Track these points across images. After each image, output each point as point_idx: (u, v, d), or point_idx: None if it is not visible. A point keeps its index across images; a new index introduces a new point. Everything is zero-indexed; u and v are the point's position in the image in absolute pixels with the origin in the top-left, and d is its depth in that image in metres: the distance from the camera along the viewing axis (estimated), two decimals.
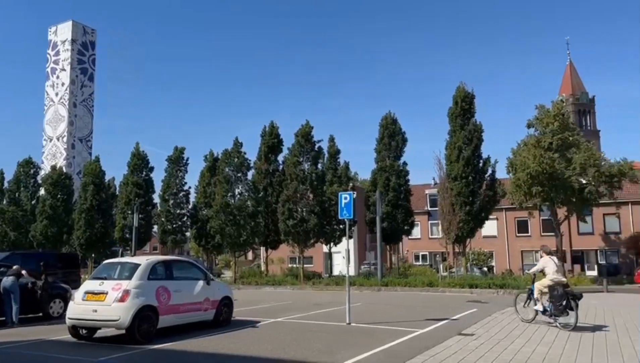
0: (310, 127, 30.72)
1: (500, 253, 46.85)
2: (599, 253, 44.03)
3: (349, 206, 12.62)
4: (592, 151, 35.96)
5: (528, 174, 33.56)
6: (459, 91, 31.44)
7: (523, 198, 35.75)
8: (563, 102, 43.45)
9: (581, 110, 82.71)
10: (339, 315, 12.86)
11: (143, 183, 39.00)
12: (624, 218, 42.63)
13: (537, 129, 37.15)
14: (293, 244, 30.73)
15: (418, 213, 46.50)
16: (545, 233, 43.20)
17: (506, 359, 7.77)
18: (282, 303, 18.32)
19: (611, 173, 34.34)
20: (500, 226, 46.92)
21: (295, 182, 29.93)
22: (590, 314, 14.00)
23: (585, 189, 34.37)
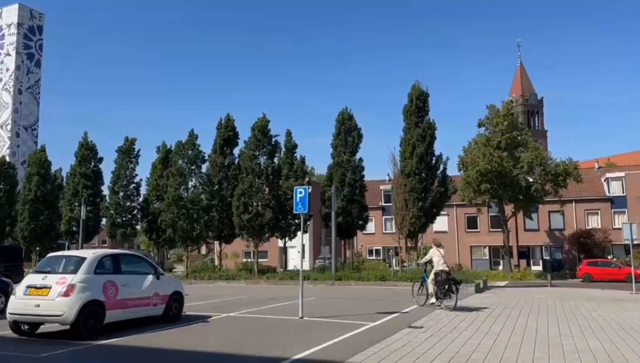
0: (266, 121, 30.50)
1: (451, 248, 47.92)
2: (544, 248, 45.88)
3: (304, 200, 12.62)
4: (539, 151, 37.55)
5: (478, 172, 34.70)
6: (414, 89, 31.99)
7: (473, 194, 36.94)
8: (513, 102, 45.09)
9: (530, 111, 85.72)
10: (292, 309, 12.86)
11: (91, 174, 37.78)
12: (567, 215, 44.60)
13: (487, 129, 38.45)
14: (248, 238, 30.50)
15: (372, 209, 47.08)
16: (494, 229, 44.65)
17: (454, 350, 7.98)
18: (235, 298, 18.15)
19: (557, 172, 35.95)
20: (450, 222, 48.10)
21: (251, 176, 29.66)
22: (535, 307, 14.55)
23: (531, 187, 35.83)
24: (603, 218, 43.83)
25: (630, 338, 9.35)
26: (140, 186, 38.43)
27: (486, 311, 13.58)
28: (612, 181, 44.77)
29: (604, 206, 44.18)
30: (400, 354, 7.66)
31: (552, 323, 11.32)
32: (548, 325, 11.01)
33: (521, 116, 79.73)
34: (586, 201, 44.43)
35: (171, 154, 34.49)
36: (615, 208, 43.69)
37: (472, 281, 23.35)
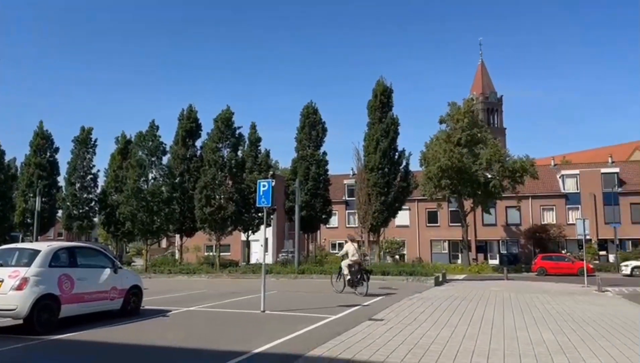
0: (230, 113, 30.14)
1: (412, 242, 48.86)
2: (501, 243, 47.21)
3: (267, 193, 12.54)
4: (498, 148, 38.55)
5: (439, 168, 35.34)
6: (379, 85, 32.26)
7: (433, 190, 37.63)
8: (473, 100, 46.21)
9: (490, 108, 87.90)
10: (254, 303, 12.80)
11: (47, 165, 36.51)
12: (524, 210, 45.98)
13: (448, 125, 39.19)
14: (210, 232, 30.16)
15: (336, 203, 47.31)
16: (453, 224, 45.62)
17: (413, 342, 8.12)
18: (196, 292, 17.93)
19: (514, 169, 36.98)
20: (412, 217, 48.87)
21: (213, 168, 29.28)
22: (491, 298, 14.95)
23: (490, 183, 36.77)
24: (558, 213, 45.39)
25: (581, 329, 9.73)
26: (98, 177, 37.44)
27: (444, 304, 13.88)
28: (567, 178, 46.41)
29: (559, 202, 45.76)
30: (360, 346, 7.74)
31: (508, 315, 11.67)
32: (504, 317, 11.34)
33: (481, 113, 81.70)
34: (542, 197, 45.89)
35: (131, 145, 33.69)
36: (569, 204, 45.33)
37: (431, 274, 23.81)
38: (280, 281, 23.78)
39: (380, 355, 7.13)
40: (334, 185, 50.87)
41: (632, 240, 42.93)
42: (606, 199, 43.34)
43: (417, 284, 21.92)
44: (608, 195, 42.91)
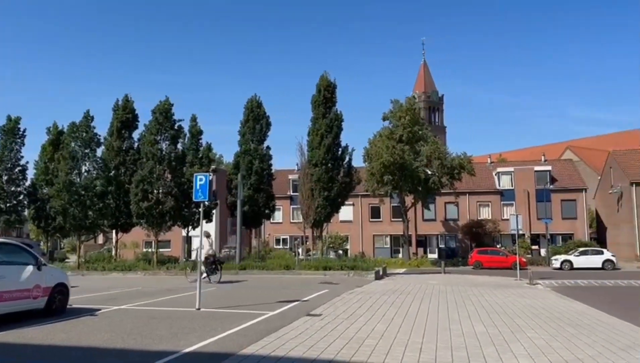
0: (169, 104, 29.17)
1: (355, 237, 49.40)
2: (440, 237, 48.52)
3: (204, 187, 12.19)
4: (438, 145, 39.62)
5: (381, 164, 35.87)
6: (322, 80, 32.21)
7: (376, 185, 38.17)
8: (415, 98, 47.18)
9: (431, 107, 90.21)
10: (190, 301, 12.42)
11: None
12: (462, 206, 47.46)
13: (391, 122, 39.83)
14: (147, 227, 29.18)
15: (280, 198, 47.06)
16: (395, 219, 46.45)
17: (348, 337, 8.09)
18: (130, 290, 17.26)
19: (452, 166, 38.09)
20: (355, 212, 49.38)
21: (151, 161, 28.28)
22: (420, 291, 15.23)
23: (430, 179, 37.71)
24: (493, 209, 47.15)
25: (511, 321, 10.05)
26: (27, 169, 35.30)
27: (382, 298, 14.03)
28: (502, 175, 48.28)
29: (495, 198, 47.54)
30: (295, 342, 7.62)
31: (442, 309, 11.92)
32: (438, 310, 11.57)
33: (423, 111, 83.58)
34: (478, 193, 47.52)
35: (63, 136, 32.01)
36: (504, 200, 47.16)
37: (372, 268, 24.06)
38: None
39: (314, 351, 7.04)
40: (279, 180, 50.60)
41: (562, 235, 45.24)
42: (539, 196, 45.35)
43: (358, 278, 22.11)
44: (540, 192, 44.93)
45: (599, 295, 17.31)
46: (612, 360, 6.70)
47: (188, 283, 17.91)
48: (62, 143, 31.00)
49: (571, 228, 45.40)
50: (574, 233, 45.02)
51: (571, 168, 49.72)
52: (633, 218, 41.63)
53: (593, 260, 34.16)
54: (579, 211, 45.90)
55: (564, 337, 8.33)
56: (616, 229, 45.93)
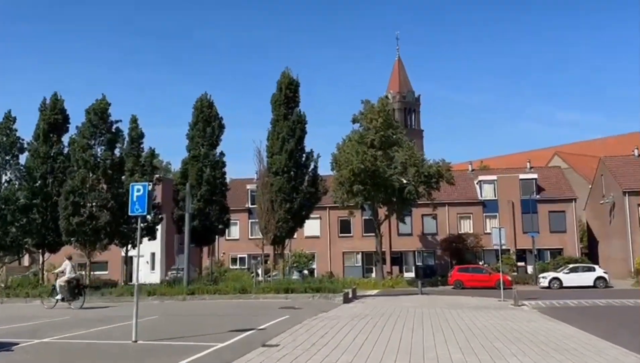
0: (106, 104, 28.53)
1: (322, 255, 49.27)
2: (417, 254, 48.88)
3: (142, 199, 11.88)
4: (413, 151, 40.11)
5: (351, 171, 36.00)
6: (284, 77, 32.07)
7: (345, 196, 38.28)
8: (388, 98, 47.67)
9: (407, 108, 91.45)
10: (126, 332, 12.05)
11: None
12: (440, 218, 48.01)
13: (362, 125, 40.11)
14: (79, 246, 28.40)
15: (237, 211, 46.66)
16: (367, 234, 46.60)
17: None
18: (56, 320, 16.70)
19: (430, 174, 38.55)
20: (323, 226, 49.32)
21: (83, 170, 27.57)
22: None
23: (405, 189, 38.04)
24: (475, 222, 47.85)
25: (492, 348, 10.10)
26: None
27: (350, 324, 13.95)
28: (485, 184, 49.11)
29: (476, 209, 48.28)
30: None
31: (417, 334, 11.91)
32: (412, 336, 11.56)
33: (398, 113, 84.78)
34: (459, 204, 48.17)
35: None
36: (487, 212, 47.95)
37: (340, 291, 23.98)
38: (165, 304, 22.89)
39: None
40: (236, 191, 50.20)
41: (551, 250, 46.19)
42: (524, 207, 46.24)
43: (324, 302, 22.00)
44: (526, 202, 45.79)
45: (590, 316, 17.69)
46: None
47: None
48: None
49: (560, 242, 46.45)
50: (564, 247, 46.09)
51: (559, 176, 50.93)
52: (626, 231, 42.84)
53: (584, 278, 35.03)
54: (569, 224, 47.02)
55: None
56: (608, 243, 47.18)
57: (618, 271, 41.26)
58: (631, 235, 42.44)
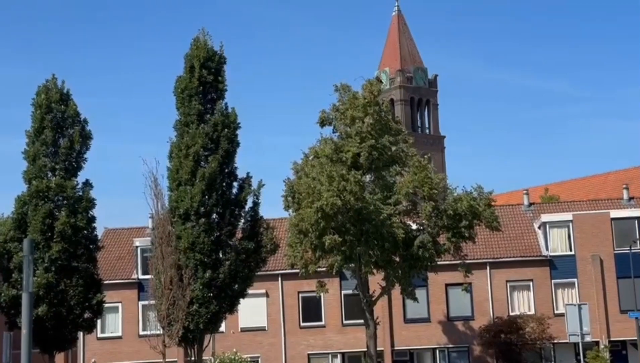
0: None
1: (273, 360, 48.58)
2: (438, 353, 48.56)
3: None
4: (428, 172, 39.77)
5: (319, 211, 35.56)
6: (198, 47, 33.12)
7: (310, 254, 37.77)
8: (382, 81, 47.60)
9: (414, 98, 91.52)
10: None
11: None
12: (477, 291, 47.84)
13: (336, 130, 39.79)
14: None
15: (118, 286, 46.04)
16: (350, 320, 46.22)
17: None
18: None
19: (457, 212, 38.30)
20: (272, 309, 48.70)
21: None
22: None
23: (415, 239, 37.75)
24: (538, 294, 47.84)
25: None
26: None
27: None
28: (552, 229, 49.21)
29: (540, 272, 48.29)
30: None
31: None
32: None
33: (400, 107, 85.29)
34: (509, 263, 48.20)
35: None
36: (557, 277, 47.98)
37: None
38: None
39: None
40: (115, 250, 49.43)
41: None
42: (621, 269, 46.39)
43: None
44: (625, 259, 45.92)
45: None
46: None
47: None
48: None
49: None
50: None
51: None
52: None
53: None
54: None
55: None
56: None
57: None
58: None
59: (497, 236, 44.01)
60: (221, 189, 31.77)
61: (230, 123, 32.20)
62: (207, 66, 32.22)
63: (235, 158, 32.23)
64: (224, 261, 30.88)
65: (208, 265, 30.51)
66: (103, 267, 35.40)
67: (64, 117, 32.37)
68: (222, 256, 31.02)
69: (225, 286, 31.09)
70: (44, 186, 31.69)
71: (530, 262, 48.37)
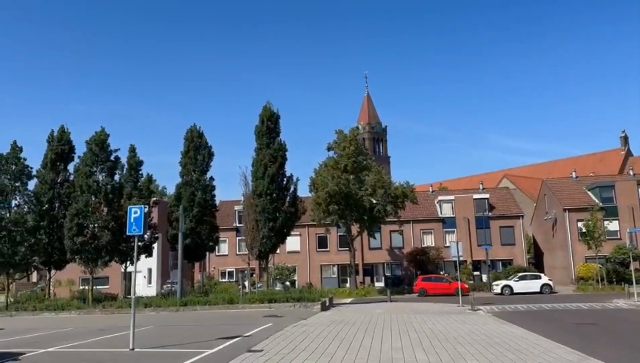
0: (105, 135, 28.16)
1: (302, 267, 48.81)
2: (386, 266, 48.71)
3: (139, 220, 11.72)
4: (381, 174, 40.10)
5: (327, 193, 35.85)
6: (265, 110, 32.26)
7: (322, 215, 38.07)
8: (359, 129, 47.96)
9: (375, 138, 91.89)
10: (123, 341, 11.74)
11: None
12: (405, 234, 47.99)
13: (336, 152, 40.15)
14: (82, 263, 27.73)
15: (226, 229, 46.09)
16: (342, 248, 46.40)
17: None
18: (60, 331, 16.21)
19: (396, 194, 38.55)
20: (303, 242, 48.90)
21: (86, 194, 27.08)
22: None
23: (375, 208, 38.00)
24: (436, 236, 47.94)
25: (453, 349, 10.04)
26: None
27: (327, 330, 13.78)
28: (444, 204, 49.37)
29: (437, 226, 48.42)
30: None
31: (386, 338, 11.81)
32: (382, 340, 11.45)
33: (368, 142, 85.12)
34: (421, 221, 48.27)
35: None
36: (446, 228, 48.08)
37: (318, 300, 23.77)
38: (160, 315, 22.42)
39: None
40: (225, 212, 49.68)
41: (502, 261, 46.46)
42: (478, 223, 46.60)
43: (303, 310, 21.79)
44: (480, 219, 46.22)
45: (537, 319, 17.77)
46: None
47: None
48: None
49: (510, 254, 46.79)
50: (513, 258, 46.39)
51: (508, 196, 51.53)
52: (567, 243, 43.44)
53: (531, 285, 35.24)
54: (517, 238, 47.44)
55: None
56: (552, 253, 47.75)
57: (561, 279, 41.72)
58: (571, 247, 42.97)
59: (415, 207, 44.17)
60: (277, 182, 31.41)
61: (282, 148, 31.99)
62: (270, 120, 31.89)
63: (285, 166, 32.18)
64: (279, 217, 30.76)
65: (271, 219, 30.35)
66: (219, 220, 35.58)
67: (200, 144, 32.20)
68: (278, 215, 30.82)
69: (279, 230, 30.88)
70: (189, 179, 31.86)
71: (432, 220, 48.29)
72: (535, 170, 73.29)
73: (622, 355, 9.79)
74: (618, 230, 41.74)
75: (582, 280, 38.38)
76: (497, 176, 72.58)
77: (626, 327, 15.20)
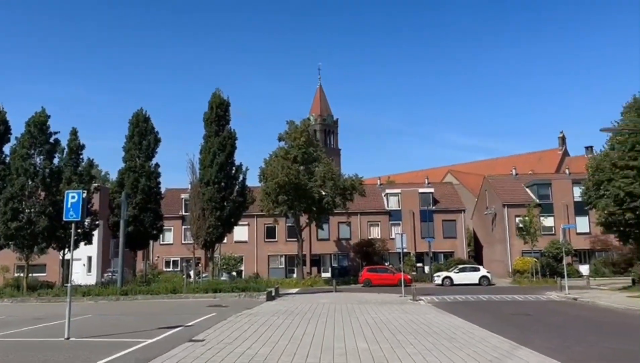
0: (46, 116, 26.80)
1: (250, 258, 48.47)
2: (333, 257, 49.16)
3: (76, 206, 11.29)
4: (331, 166, 40.38)
5: (276, 184, 35.74)
6: (215, 97, 31.51)
7: (271, 205, 37.93)
8: (310, 120, 47.92)
9: (326, 130, 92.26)
10: (59, 330, 11.29)
11: None
12: (353, 226, 48.63)
13: (286, 143, 40.01)
14: (17, 249, 26.43)
15: (172, 218, 45.15)
16: (290, 239, 46.36)
17: (230, 362, 7.73)
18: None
19: (345, 187, 38.94)
20: (251, 232, 48.52)
21: (23, 177, 25.75)
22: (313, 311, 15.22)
23: (323, 199, 38.24)
24: (382, 228, 48.81)
25: (393, 338, 10.28)
26: None
27: (271, 319, 13.77)
28: (391, 197, 50.29)
29: (383, 218, 49.30)
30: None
31: (329, 327, 11.94)
32: (325, 329, 11.57)
33: (319, 133, 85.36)
34: (369, 213, 48.99)
35: None
36: (392, 220, 49.01)
37: (264, 289, 23.72)
38: (99, 304, 21.75)
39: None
40: (171, 200, 48.53)
41: (444, 253, 47.90)
42: (423, 216, 47.85)
43: (249, 300, 21.69)
44: (424, 212, 47.50)
45: (475, 309, 18.46)
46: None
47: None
48: None
49: (452, 246, 48.28)
50: (454, 251, 47.91)
51: (451, 191, 53.09)
52: (505, 237, 45.35)
53: (471, 277, 36.57)
54: (459, 231, 49.01)
55: (439, 351, 8.66)
56: (491, 247, 49.69)
57: (499, 272, 43.50)
58: (509, 241, 44.86)
59: (363, 199, 44.70)
60: (226, 170, 30.76)
61: (231, 137, 31.31)
62: (219, 107, 31.12)
63: (234, 154, 31.46)
64: (227, 207, 30.24)
65: (218, 208, 29.68)
66: (164, 207, 34.72)
67: (145, 129, 31.12)
68: (226, 204, 30.32)
69: (227, 219, 30.34)
70: (133, 165, 30.76)
71: (379, 213, 49.08)
72: (477, 167, 75.79)
73: (553, 344, 10.31)
74: (553, 226, 43.84)
75: (518, 273, 40.06)
76: (442, 171, 74.51)
77: (557, 317, 16.04)
